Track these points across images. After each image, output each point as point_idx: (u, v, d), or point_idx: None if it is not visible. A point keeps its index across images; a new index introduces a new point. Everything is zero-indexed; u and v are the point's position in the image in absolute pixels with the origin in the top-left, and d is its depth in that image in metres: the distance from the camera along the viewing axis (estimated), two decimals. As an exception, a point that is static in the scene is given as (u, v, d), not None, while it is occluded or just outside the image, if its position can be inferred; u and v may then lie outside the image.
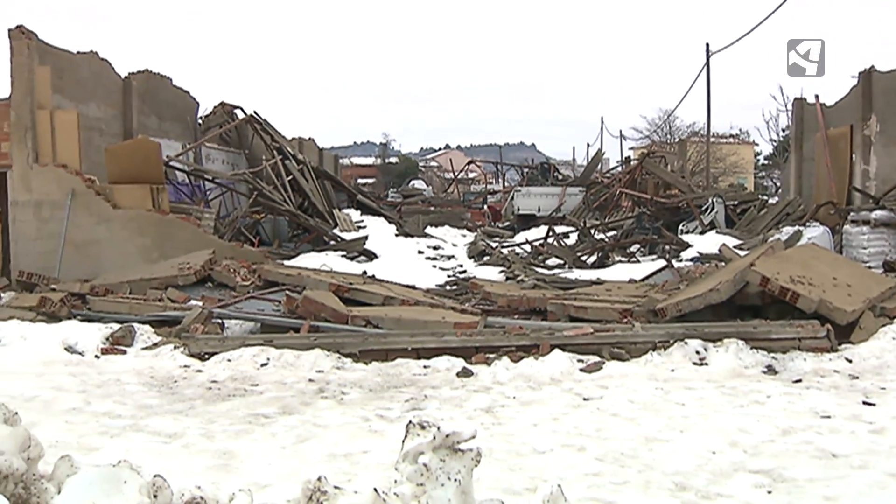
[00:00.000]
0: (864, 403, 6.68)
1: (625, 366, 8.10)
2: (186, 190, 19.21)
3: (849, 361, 8.08)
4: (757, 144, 53.68)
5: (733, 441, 5.74)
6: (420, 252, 19.70)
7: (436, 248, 20.66)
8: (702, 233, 18.36)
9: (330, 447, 5.79)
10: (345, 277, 12.42)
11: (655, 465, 5.26)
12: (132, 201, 14.76)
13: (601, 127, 73.16)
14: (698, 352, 8.23)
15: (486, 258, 18.98)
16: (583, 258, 17.81)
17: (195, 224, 15.07)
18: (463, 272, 16.70)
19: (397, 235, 21.79)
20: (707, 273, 12.13)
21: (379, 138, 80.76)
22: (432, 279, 15.31)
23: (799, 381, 7.50)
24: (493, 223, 32.08)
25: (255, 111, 23.59)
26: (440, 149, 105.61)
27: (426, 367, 8.30)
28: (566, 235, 21.45)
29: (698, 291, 9.70)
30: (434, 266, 17.72)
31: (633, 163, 31.85)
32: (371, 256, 17.57)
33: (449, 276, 16.10)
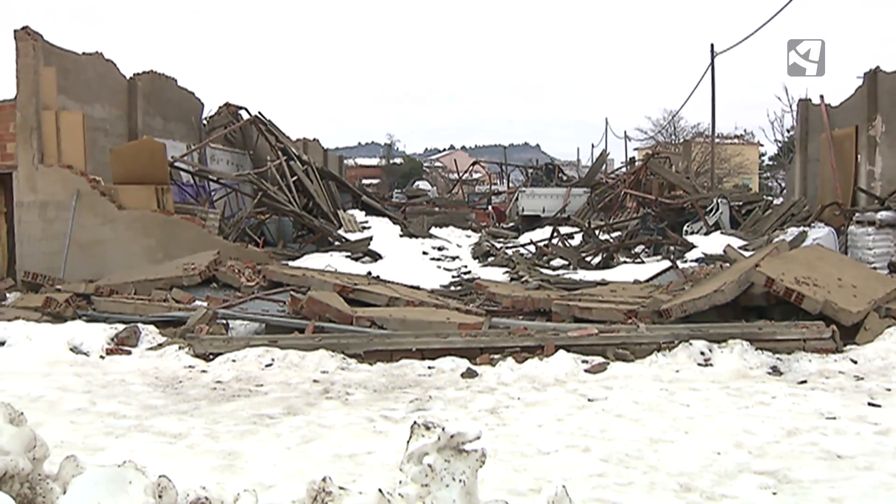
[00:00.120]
0: (870, 404, 6.67)
1: (629, 366, 8.09)
2: (191, 190, 19.24)
3: (854, 362, 8.06)
4: (762, 145, 53.69)
5: (738, 442, 5.73)
6: (424, 253, 19.71)
7: (440, 249, 20.67)
8: (706, 234, 18.36)
9: (335, 448, 5.79)
10: (349, 278, 12.42)
11: (660, 466, 5.25)
12: (137, 202, 14.78)
13: (606, 128, 72.88)
14: (703, 353, 8.22)
15: (491, 259, 18.98)
16: (587, 259, 17.81)
17: (200, 225, 15.09)
18: (467, 273, 16.70)
19: (402, 236, 21.81)
20: (712, 274, 12.12)
21: (383, 139, 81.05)
22: (437, 280, 15.31)
23: (804, 382, 7.48)
24: (498, 224, 32.11)
25: (260, 112, 23.63)
26: (444, 149, 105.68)
27: (431, 368, 8.30)
28: (571, 236, 21.45)
29: (703, 292, 9.69)
30: (438, 267, 17.73)
31: (638, 163, 31.87)
32: (375, 257, 17.57)
33: (453, 277, 16.10)
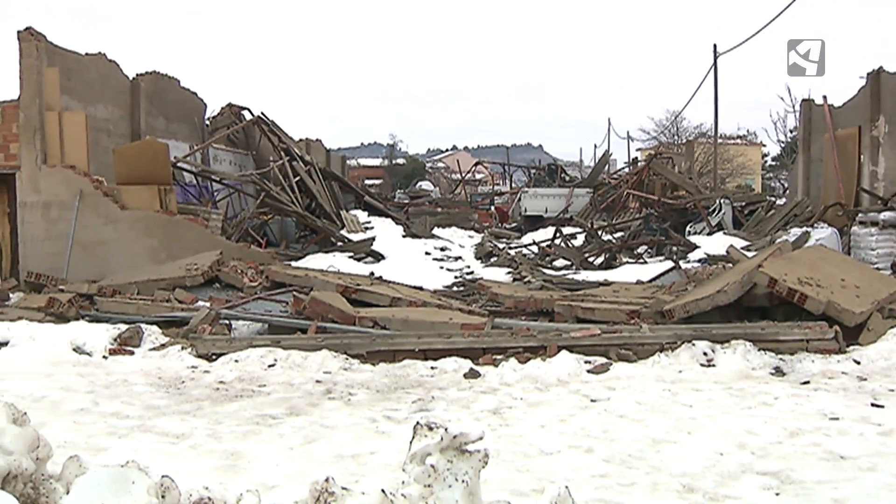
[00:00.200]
0: (873, 405, 6.66)
1: (632, 367, 8.09)
2: (194, 191, 19.26)
3: (857, 363, 8.05)
4: (764, 145, 53.66)
5: (741, 443, 5.73)
6: (427, 253, 19.71)
7: (443, 250, 20.66)
8: (709, 234, 18.35)
9: (337, 448, 5.79)
10: (352, 278, 12.43)
11: (663, 467, 5.25)
12: (140, 202, 14.80)
13: (608, 128, 72.81)
14: (706, 353, 8.21)
15: (494, 259, 18.97)
16: (590, 259, 17.80)
17: (203, 225, 15.10)
18: (470, 273, 16.69)
19: (404, 236, 21.81)
20: (715, 274, 12.10)
21: (386, 139, 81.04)
22: (439, 280, 15.31)
23: (807, 383, 7.47)
24: (501, 224, 32.09)
25: (263, 112, 23.65)
26: (447, 150, 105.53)
27: (433, 369, 8.30)
28: (573, 237, 21.44)
29: (706, 293, 9.68)
30: (441, 267, 17.72)
31: (641, 164, 31.84)
32: (378, 257, 17.57)
33: (456, 278, 16.10)
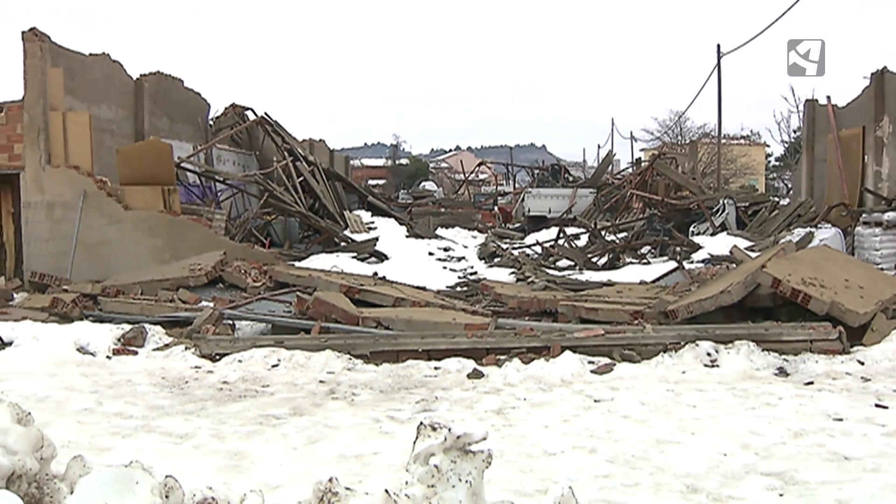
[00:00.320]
0: (877, 406, 6.64)
1: (636, 367, 8.08)
2: (197, 191, 19.30)
3: (861, 364, 8.03)
4: (768, 146, 53.55)
5: (745, 443, 5.72)
6: (430, 253, 19.71)
7: (446, 250, 20.66)
8: (713, 234, 18.32)
9: (341, 448, 5.79)
10: (355, 279, 12.44)
11: (666, 468, 5.24)
12: (143, 202, 14.82)
13: (612, 128, 72.85)
14: (709, 353, 8.20)
15: (497, 260, 18.97)
16: (593, 260, 17.78)
17: (206, 225, 15.12)
18: (473, 274, 16.69)
19: (408, 237, 21.81)
20: (718, 275, 12.09)
21: (389, 140, 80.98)
22: (443, 280, 15.30)
23: (811, 384, 7.46)
24: (504, 224, 32.07)
25: (266, 112, 23.69)
26: (450, 150, 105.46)
27: (437, 369, 8.30)
28: (577, 237, 21.43)
29: (709, 293, 9.67)
30: (444, 267, 17.72)
31: (644, 164, 31.77)
32: (382, 258, 17.58)
33: (459, 278, 16.10)
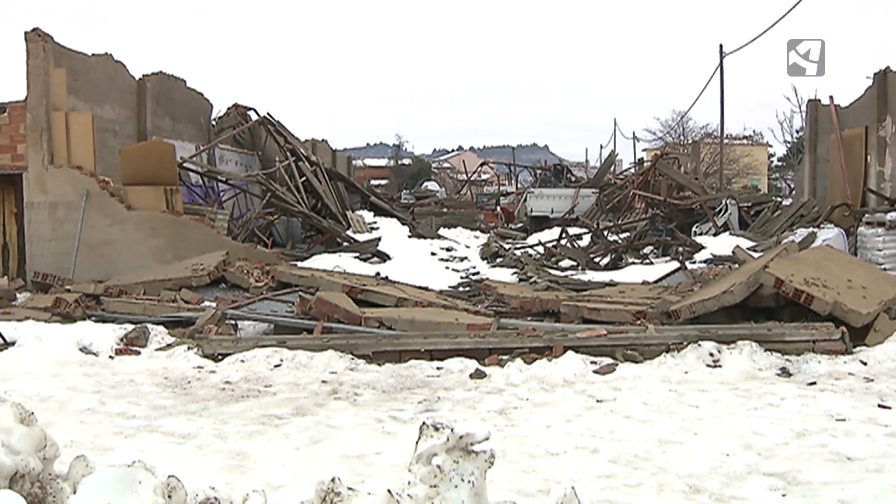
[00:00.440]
0: (880, 406, 6.64)
1: (638, 368, 8.08)
2: (200, 191, 19.31)
3: (864, 364, 8.03)
4: (771, 146, 53.49)
5: (747, 444, 5.71)
6: (433, 253, 19.70)
7: (449, 250, 20.65)
8: (715, 234, 18.29)
9: (343, 448, 5.80)
10: (358, 279, 12.44)
11: (669, 468, 5.24)
12: (146, 202, 14.84)
13: (614, 128, 72.95)
14: (712, 354, 8.20)
15: (499, 260, 18.94)
16: (596, 260, 17.76)
17: (209, 225, 15.13)
18: (476, 274, 16.68)
19: (410, 237, 21.80)
20: (721, 275, 12.08)
21: (392, 140, 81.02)
22: (445, 281, 15.29)
23: (813, 384, 7.46)
24: (506, 225, 32.03)
25: (269, 113, 23.69)
26: (453, 150, 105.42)
27: (439, 369, 8.30)
28: (579, 237, 21.40)
29: (712, 293, 9.66)
30: (447, 267, 17.71)
31: (647, 164, 31.75)
32: (384, 258, 17.58)
33: (462, 278, 16.09)
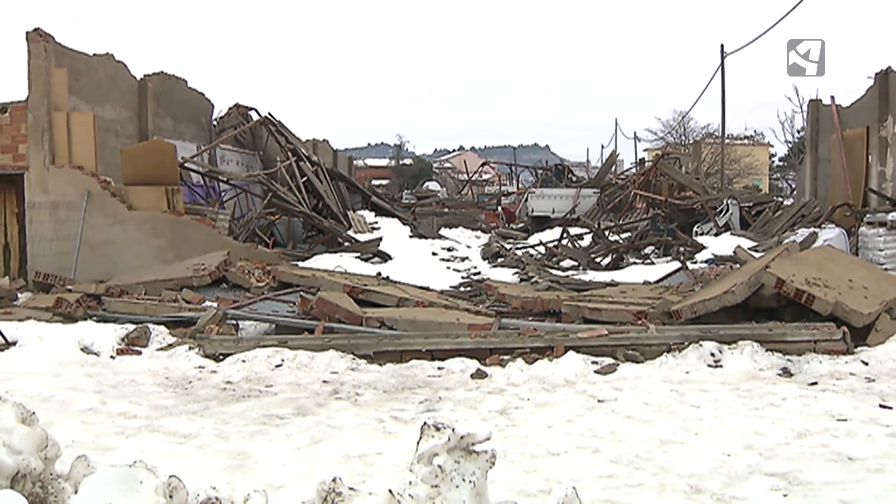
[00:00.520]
0: (881, 406, 6.63)
1: (639, 368, 8.08)
2: (201, 191, 19.31)
3: (865, 364, 8.02)
4: (772, 146, 53.55)
5: (748, 444, 5.71)
6: (434, 253, 19.71)
7: (450, 250, 20.66)
8: (716, 234, 18.30)
9: (344, 448, 5.80)
10: (359, 279, 12.44)
11: (670, 468, 5.24)
12: (147, 203, 14.84)
13: (615, 128, 73.14)
14: (713, 354, 8.20)
15: (500, 260, 18.95)
16: (597, 260, 17.76)
17: (210, 225, 15.13)
18: (477, 274, 16.68)
19: (411, 237, 21.81)
20: (722, 275, 12.07)
21: (393, 140, 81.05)
22: (446, 281, 15.30)
23: (815, 384, 7.45)
24: (507, 225, 32.04)
25: (270, 113, 23.70)
26: (454, 150, 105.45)
27: (440, 369, 8.30)
28: (580, 237, 21.41)
29: (713, 293, 9.66)
30: (448, 267, 17.71)
31: (648, 164, 31.75)
32: (385, 258, 17.58)
33: (463, 278, 16.09)
